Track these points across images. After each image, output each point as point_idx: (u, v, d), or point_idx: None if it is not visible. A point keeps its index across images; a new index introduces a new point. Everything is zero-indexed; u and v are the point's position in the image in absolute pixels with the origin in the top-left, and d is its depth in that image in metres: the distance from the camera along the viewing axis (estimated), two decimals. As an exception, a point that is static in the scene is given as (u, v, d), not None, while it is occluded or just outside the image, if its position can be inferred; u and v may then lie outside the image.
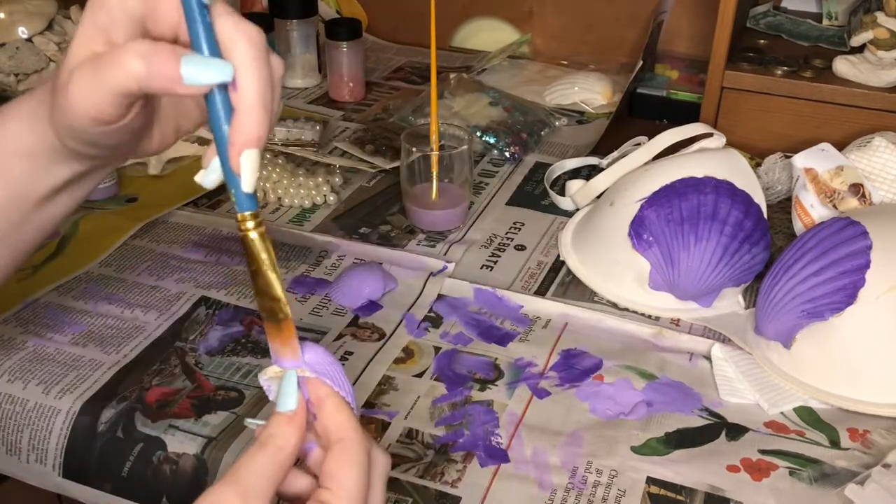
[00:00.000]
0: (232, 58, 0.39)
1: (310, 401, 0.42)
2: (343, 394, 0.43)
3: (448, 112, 1.08)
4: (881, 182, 0.80)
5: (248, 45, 0.39)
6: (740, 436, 0.65)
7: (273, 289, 0.41)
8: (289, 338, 0.42)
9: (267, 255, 0.41)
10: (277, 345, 0.42)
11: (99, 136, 0.44)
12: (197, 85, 0.39)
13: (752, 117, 1.02)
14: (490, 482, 0.61)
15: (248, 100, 0.39)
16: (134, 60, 0.38)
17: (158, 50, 0.38)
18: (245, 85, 0.39)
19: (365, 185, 0.98)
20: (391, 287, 0.80)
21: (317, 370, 0.43)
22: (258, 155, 0.40)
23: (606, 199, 0.83)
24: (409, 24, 1.39)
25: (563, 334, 0.75)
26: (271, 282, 0.41)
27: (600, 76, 1.20)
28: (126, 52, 0.39)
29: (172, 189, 0.95)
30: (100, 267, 0.82)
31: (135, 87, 0.39)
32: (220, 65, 0.39)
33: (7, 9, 1.03)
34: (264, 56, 0.40)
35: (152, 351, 0.72)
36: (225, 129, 0.40)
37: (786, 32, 1.11)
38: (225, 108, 0.40)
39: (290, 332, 0.42)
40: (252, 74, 0.39)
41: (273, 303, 0.41)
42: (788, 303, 0.68)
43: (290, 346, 0.42)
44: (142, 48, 0.39)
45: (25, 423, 0.66)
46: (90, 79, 0.40)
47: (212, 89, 0.39)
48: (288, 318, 0.42)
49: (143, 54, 0.38)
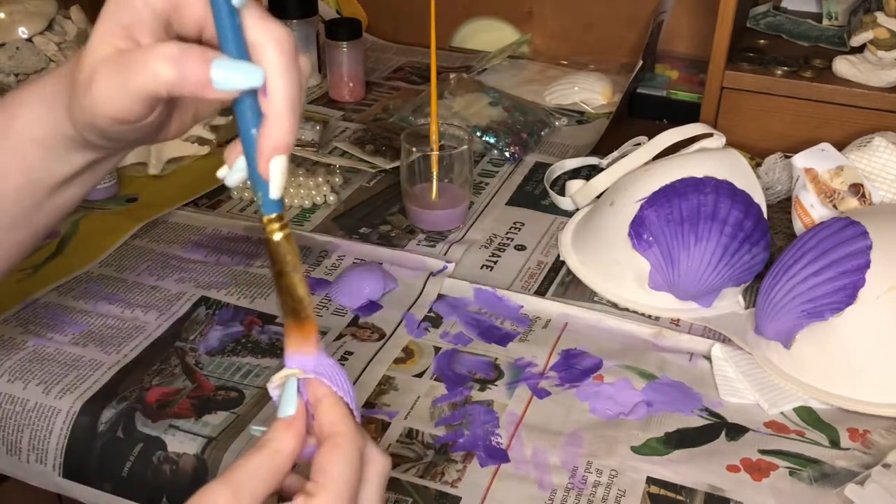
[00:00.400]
0: (262, 62, 0.38)
1: (309, 402, 0.42)
2: (341, 394, 0.43)
3: (448, 112, 1.08)
4: (881, 182, 0.80)
5: (278, 49, 0.39)
6: (740, 436, 0.65)
7: (297, 290, 0.41)
8: (309, 335, 0.42)
9: (292, 256, 0.41)
10: (296, 342, 0.42)
11: (121, 133, 0.43)
12: (228, 90, 0.38)
13: (752, 117, 1.02)
14: (490, 482, 0.61)
15: (278, 106, 0.39)
16: (163, 65, 0.38)
17: (188, 54, 0.38)
18: (275, 90, 0.39)
19: (365, 185, 0.98)
20: (391, 287, 0.80)
21: (318, 371, 0.43)
22: (287, 160, 0.39)
23: (606, 199, 0.83)
24: (409, 24, 1.39)
25: (563, 334, 0.75)
26: (295, 283, 0.41)
27: (600, 76, 1.20)
28: (155, 57, 0.38)
29: (172, 189, 0.95)
30: (100, 267, 0.82)
31: (163, 91, 0.39)
32: (251, 69, 0.38)
33: (7, 9, 1.03)
34: (294, 60, 0.39)
35: (152, 351, 0.72)
36: (253, 132, 0.39)
37: (786, 32, 1.11)
38: (253, 112, 0.39)
39: (311, 330, 0.42)
40: (283, 79, 0.39)
41: (296, 303, 0.42)
42: (788, 303, 0.68)
43: (308, 344, 0.43)
44: (171, 51, 0.38)
45: (25, 423, 0.66)
46: (116, 81, 0.39)
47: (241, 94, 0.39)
48: (310, 318, 0.42)
49: (172, 58, 0.38)
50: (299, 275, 0.41)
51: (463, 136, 0.89)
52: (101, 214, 0.90)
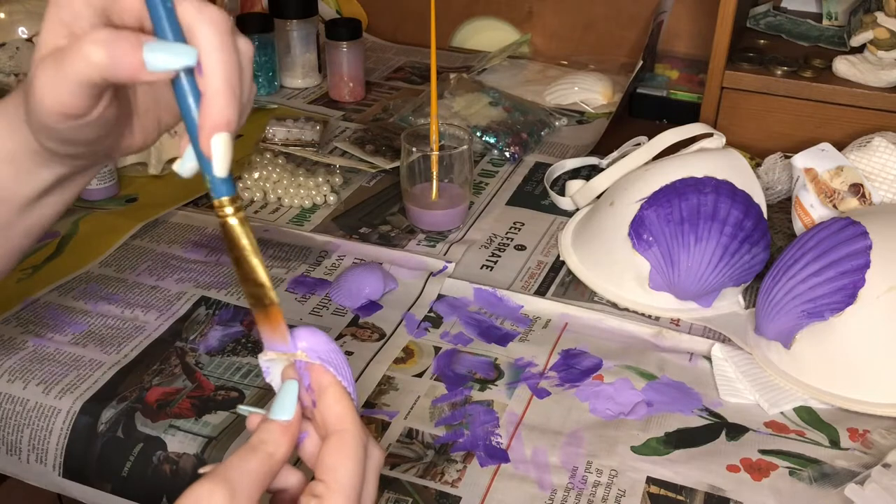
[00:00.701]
0: (196, 42, 0.39)
1: (310, 387, 0.42)
2: (345, 384, 0.42)
3: (448, 112, 1.08)
4: (881, 182, 0.80)
5: (211, 28, 0.39)
6: (740, 436, 0.65)
7: (257, 274, 0.41)
8: (277, 323, 0.42)
9: (248, 240, 0.40)
10: (267, 331, 0.42)
11: (71, 132, 0.43)
12: (161, 71, 0.38)
13: (752, 117, 1.02)
14: (490, 482, 0.61)
15: (215, 83, 0.39)
16: (95, 49, 0.38)
17: (120, 37, 0.38)
18: (211, 68, 0.39)
19: (365, 185, 0.98)
20: (391, 287, 0.80)
21: (322, 357, 0.42)
22: (230, 138, 0.39)
23: (606, 199, 0.83)
24: (409, 24, 1.39)
25: (563, 334, 0.75)
26: (254, 267, 0.40)
27: (600, 76, 1.20)
28: (87, 42, 0.38)
29: (172, 189, 0.95)
30: (100, 267, 0.82)
31: (97, 77, 0.39)
32: (183, 49, 0.38)
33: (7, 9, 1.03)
34: (229, 39, 0.40)
35: (152, 351, 0.72)
36: (195, 114, 0.39)
37: (786, 32, 1.11)
38: (194, 94, 0.39)
39: (277, 318, 0.42)
40: (217, 58, 0.39)
41: (258, 289, 0.41)
42: (788, 303, 0.68)
43: (279, 332, 0.42)
44: (102, 36, 0.38)
45: (25, 423, 0.66)
46: (54, 72, 0.39)
47: (178, 75, 0.39)
48: (274, 304, 0.41)
49: (104, 42, 0.38)
50: (258, 259, 0.40)
51: (463, 136, 0.89)
52: (101, 214, 0.90)
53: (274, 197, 0.94)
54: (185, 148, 0.40)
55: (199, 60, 0.39)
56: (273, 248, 0.86)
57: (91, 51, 0.38)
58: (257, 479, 0.39)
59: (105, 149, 0.47)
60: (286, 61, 1.21)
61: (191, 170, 0.41)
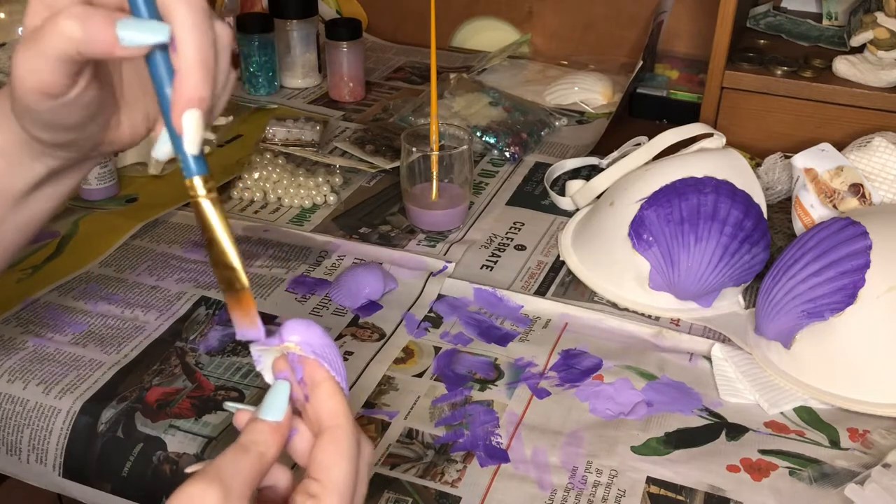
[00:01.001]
0: (171, 20, 0.39)
1: (303, 381, 0.42)
2: (338, 379, 0.42)
3: (448, 112, 1.08)
4: (881, 182, 0.80)
5: (186, 8, 0.39)
6: (740, 436, 0.65)
7: (228, 257, 0.40)
8: (248, 309, 0.41)
9: (221, 221, 0.40)
10: (238, 316, 0.41)
11: (52, 114, 0.43)
12: (134, 46, 0.38)
13: (752, 117, 1.02)
14: (490, 482, 0.61)
15: (188, 60, 0.39)
16: (70, 23, 0.38)
17: (94, 12, 0.38)
18: (185, 44, 0.39)
19: (365, 185, 0.98)
20: (391, 287, 0.80)
21: (316, 352, 0.42)
22: (201, 116, 0.39)
23: (606, 199, 0.83)
24: (409, 24, 1.39)
25: (563, 334, 0.75)
26: (226, 250, 0.40)
27: (600, 76, 1.20)
28: (62, 17, 0.39)
29: (172, 189, 0.95)
30: (100, 267, 0.82)
31: (73, 51, 0.39)
32: (156, 26, 0.39)
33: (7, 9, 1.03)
34: (204, 19, 0.40)
35: (152, 351, 0.72)
36: (168, 92, 0.39)
37: (786, 32, 1.11)
38: (168, 72, 0.39)
39: (249, 303, 0.41)
40: (192, 34, 0.39)
41: (229, 272, 0.40)
42: (788, 303, 0.68)
43: (249, 318, 0.41)
44: (77, 11, 0.39)
45: (25, 423, 0.66)
46: (31, 50, 0.40)
47: (152, 52, 0.39)
48: (245, 289, 0.41)
49: (78, 16, 0.38)
50: (231, 241, 0.40)
51: (463, 136, 0.89)
52: (101, 214, 0.90)
53: (274, 197, 0.94)
54: (160, 130, 0.41)
55: (173, 39, 0.39)
56: (273, 248, 0.86)
57: (66, 25, 0.39)
58: (249, 478, 0.39)
59: (91, 139, 0.47)
60: (286, 61, 1.21)
61: (165, 153, 0.41)
